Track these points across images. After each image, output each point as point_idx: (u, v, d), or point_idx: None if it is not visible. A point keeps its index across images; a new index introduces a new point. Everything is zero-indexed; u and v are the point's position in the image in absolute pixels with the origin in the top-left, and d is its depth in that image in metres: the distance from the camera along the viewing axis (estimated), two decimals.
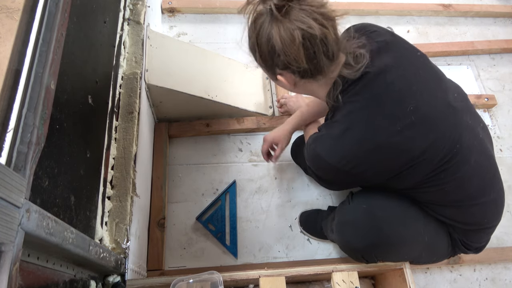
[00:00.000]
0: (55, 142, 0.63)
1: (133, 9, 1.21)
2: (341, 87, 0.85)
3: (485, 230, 0.97)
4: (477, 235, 0.98)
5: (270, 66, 0.84)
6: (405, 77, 0.84)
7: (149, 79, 1.18)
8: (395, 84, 0.82)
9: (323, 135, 0.90)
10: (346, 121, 0.85)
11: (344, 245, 1.03)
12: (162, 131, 1.39)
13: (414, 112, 0.81)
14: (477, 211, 0.92)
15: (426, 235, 0.96)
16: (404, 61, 0.86)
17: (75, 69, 0.75)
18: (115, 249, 0.89)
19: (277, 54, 0.79)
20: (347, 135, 0.84)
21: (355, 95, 0.84)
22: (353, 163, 0.85)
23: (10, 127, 0.49)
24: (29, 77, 0.53)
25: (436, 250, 1.01)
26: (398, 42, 0.90)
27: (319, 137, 0.90)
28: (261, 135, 1.48)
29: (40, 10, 0.58)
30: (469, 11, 1.92)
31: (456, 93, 0.90)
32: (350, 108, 0.84)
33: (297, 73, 0.82)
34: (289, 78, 0.85)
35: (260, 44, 0.81)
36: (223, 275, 0.95)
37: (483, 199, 0.90)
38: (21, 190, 0.45)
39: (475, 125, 0.90)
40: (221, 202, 1.33)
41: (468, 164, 0.86)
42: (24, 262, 0.51)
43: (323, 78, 0.85)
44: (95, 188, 0.85)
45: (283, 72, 0.84)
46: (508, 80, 1.75)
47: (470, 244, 0.99)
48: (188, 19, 1.74)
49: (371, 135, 0.82)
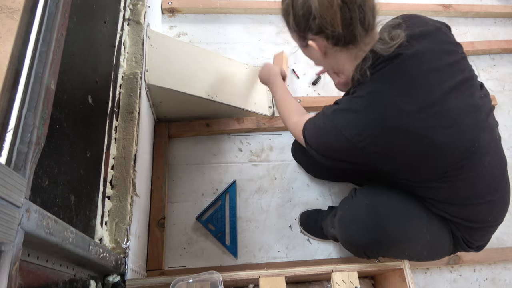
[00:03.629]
0: (55, 142, 0.63)
1: (133, 9, 1.21)
2: (371, 61, 0.83)
3: (488, 228, 0.97)
4: (480, 232, 0.98)
5: (303, 30, 0.83)
6: (438, 69, 0.83)
7: (149, 79, 1.18)
8: (427, 73, 0.81)
9: (344, 108, 0.86)
10: (370, 97, 0.82)
11: (346, 240, 1.01)
12: (162, 131, 1.39)
13: (440, 104, 0.80)
14: (483, 209, 0.92)
15: (429, 232, 0.95)
16: (440, 53, 0.85)
17: (75, 69, 0.75)
18: (115, 249, 0.89)
19: (312, 16, 0.78)
20: (368, 111, 0.81)
21: (384, 74, 0.82)
22: (368, 141, 0.82)
23: (10, 127, 0.49)
24: (29, 77, 0.53)
25: (438, 247, 1.01)
26: (441, 34, 0.89)
27: (339, 110, 0.86)
28: (261, 135, 1.49)
29: (40, 10, 0.58)
30: (469, 11, 1.92)
31: (483, 94, 0.89)
32: (377, 85, 0.82)
33: (330, 39, 0.81)
34: (321, 44, 0.83)
35: (295, 5, 0.80)
36: (223, 275, 0.95)
37: (490, 197, 0.90)
38: (21, 190, 0.45)
39: (494, 125, 0.90)
40: (221, 202, 1.33)
41: (482, 165, 0.86)
42: (24, 261, 0.51)
43: (355, 48, 0.83)
44: (95, 188, 0.85)
45: (316, 37, 0.82)
46: (508, 81, 1.75)
47: (472, 242, 0.99)
48: (188, 19, 1.74)
49: (394, 116, 0.80)
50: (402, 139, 0.81)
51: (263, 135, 1.49)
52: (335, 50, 0.85)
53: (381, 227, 0.92)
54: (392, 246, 0.96)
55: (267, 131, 1.49)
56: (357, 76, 0.85)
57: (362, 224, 0.95)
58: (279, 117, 1.48)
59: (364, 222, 0.94)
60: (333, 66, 0.93)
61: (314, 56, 0.89)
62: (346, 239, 1.01)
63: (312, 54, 0.88)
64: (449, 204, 0.94)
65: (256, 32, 1.75)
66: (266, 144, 1.47)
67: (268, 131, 1.49)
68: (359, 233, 0.95)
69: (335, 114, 0.86)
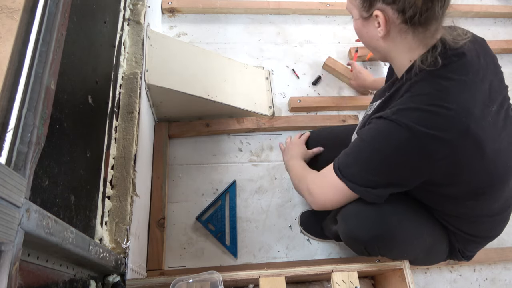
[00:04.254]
0: (55, 142, 0.63)
1: (133, 9, 1.21)
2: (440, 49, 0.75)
3: (485, 241, 0.98)
4: (476, 245, 0.99)
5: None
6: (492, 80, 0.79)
7: (149, 79, 1.18)
8: (484, 81, 0.76)
9: (410, 107, 0.75)
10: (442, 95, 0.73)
11: (347, 234, 0.96)
12: (162, 131, 1.39)
13: (493, 117, 0.76)
14: (489, 225, 0.92)
15: (429, 237, 0.95)
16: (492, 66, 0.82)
17: (75, 69, 0.75)
18: (115, 249, 0.89)
19: None
20: (441, 109, 0.72)
21: (453, 71, 0.74)
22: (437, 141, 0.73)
23: (10, 127, 0.49)
24: (29, 77, 0.53)
25: (433, 254, 1.01)
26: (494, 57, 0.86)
27: (406, 109, 0.75)
28: (261, 135, 1.49)
29: (40, 10, 0.57)
30: (469, 11, 1.92)
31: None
32: (447, 82, 0.73)
33: (403, 13, 0.71)
34: (389, 17, 0.73)
35: None
36: (223, 275, 0.95)
37: (499, 216, 0.91)
38: (21, 190, 0.45)
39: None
40: (221, 202, 1.33)
41: (507, 186, 0.84)
42: (24, 261, 0.51)
43: (423, 33, 0.74)
44: (95, 188, 0.85)
45: (386, 8, 0.72)
46: (509, 81, 1.75)
47: (465, 252, 1.00)
48: (188, 19, 1.74)
49: (466, 118, 0.72)
50: (469, 145, 0.74)
51: (263, 135, 1.49)
52: (400, 30, 0.74)
53: (384, 222, 0.89)
54: (394, 244, 0.94)
55: (268, 131, 1.49)
56: (423, 67, 0.75)
57: (365, 218, 0.90)
58: (279, 117, 1.49)
59: (367, 216, 0.90)
60: (387, 51, 0.81)
61: (370, 33, 0.78)
62: (348, 233, 0.96)
63: (368, 30, 0.78)
64: (457, 218, 0.92)
65: (256, 32, 1.75)
66: (266, 144, 1.47)
67: (268, 131, 1.49)
68: (362, 227, 0.91)
69: (402, 113, 0.75)
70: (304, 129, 1.48)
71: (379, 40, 0.79)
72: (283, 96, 1.59)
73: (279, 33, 1.76)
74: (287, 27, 1.77)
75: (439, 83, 0.74)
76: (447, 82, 0.74)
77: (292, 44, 1.74)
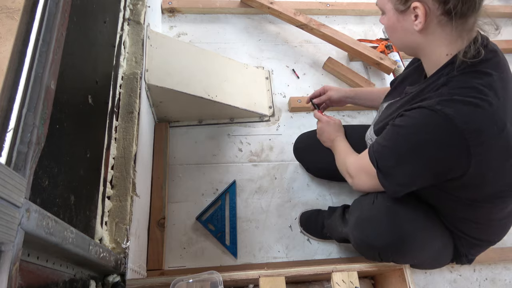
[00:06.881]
0: (55, 142, 0.63)
1: (133, 9, 1.21)
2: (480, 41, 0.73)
3: (489, 245, 0.98)
4: (480, 248, 0.99)
5: None
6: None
7: (149, 79, 1.18)
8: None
9: (454, 99, 0.71)
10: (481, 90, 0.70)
11: (362, 240, 0.95)
12: (162, 131, 1.39)
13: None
14: (496, 229, 0.92)
15: (438, 243, 0.94)
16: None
17: (75, 69, 0.75)
18: (115, 249, 0.89)
19: None
20: (485, 103, 0.69)
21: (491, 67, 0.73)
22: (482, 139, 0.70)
23: (10, 127, 0.49)
24: (29, 77, 0.53)
25: (440, 259, 1.01)
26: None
27: (449, 100, 0.72)
28: (261, 135, 1.49)
29: (40, 10, 0.58)
30: None
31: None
32: (488, 78, 0.72)
33: (442, 4, 0.69)
34: (430, 8, 0.70)
35: None
36: (223, 275, 0.95)
37: (505, 219, 0.90)
38: (21, 190, 0.45)
39: None
40: (221, 202, 1.33)
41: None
42: (24, 261, 0.51)
43: (461, 26, 0.72)
44: (95, 188, 0.85)
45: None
46: None
47: (469, 257, 1.00)
48: (188, 19, 1.74)
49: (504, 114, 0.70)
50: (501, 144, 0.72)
51: (263, 135, 1.49)
52: (439, 22, 0.71)
53: (400, 231, 0.88)
54: (407, 250, 0.93)
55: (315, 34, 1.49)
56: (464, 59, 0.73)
57: (381, 225, 0.90)
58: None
59: (383, 223, 0.90)
60: (423, 46, 0.78)
61: (405, 27, 0.75)
62: (363, 240, 0.95)
63: (403, 24, 0.75)
64: (468, 222, 0.91)
65: (256, 32, 1.75)
66: (266, 144, 1.47)
67: (268, 132, 1.49)
68: (377, 234, 0.90)
69: (447, 105, 0.71)
70: (304, 129, 1.49)
71: (414, 34, 0.76)
72: (283, 96, 1.59)
73: (279, 33, 1.76)
74: (287, 27, 1.77)
75: (481, 77, 0.72)
76: (489, 77, 0.72)
77: (292, 44, 1.74)
